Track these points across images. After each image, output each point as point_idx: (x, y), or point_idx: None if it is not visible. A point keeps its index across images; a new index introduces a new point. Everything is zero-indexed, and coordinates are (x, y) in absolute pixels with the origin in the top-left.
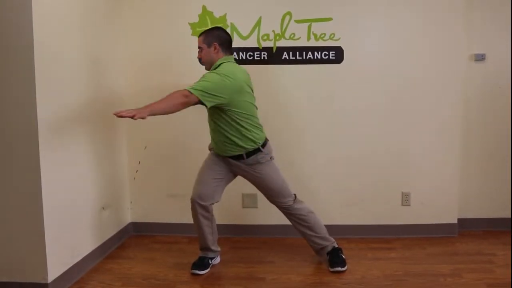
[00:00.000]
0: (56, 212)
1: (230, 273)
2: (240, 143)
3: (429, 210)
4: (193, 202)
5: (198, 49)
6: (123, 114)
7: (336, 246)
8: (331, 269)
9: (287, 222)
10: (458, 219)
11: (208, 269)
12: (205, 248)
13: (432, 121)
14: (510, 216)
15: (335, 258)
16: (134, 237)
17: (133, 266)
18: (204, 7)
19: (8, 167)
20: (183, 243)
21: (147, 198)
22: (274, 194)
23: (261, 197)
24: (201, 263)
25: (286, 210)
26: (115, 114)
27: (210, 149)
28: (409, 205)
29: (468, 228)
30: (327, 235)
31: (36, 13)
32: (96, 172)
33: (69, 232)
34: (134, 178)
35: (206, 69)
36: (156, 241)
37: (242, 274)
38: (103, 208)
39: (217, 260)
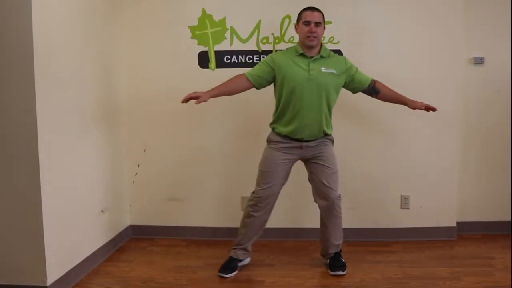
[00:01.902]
0: (55, 214)
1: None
2: (329, 119)
3: (428, 213)
4: (263, 199)
5: (316, 24)
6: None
7: (337, 250)
8: (332, 273)
9: (286, 225)
10: (457, 223)
11: (236, 272)
12: (244, 247)
13: (431, 125)
14: (508, 220)
15: (336, 261)
16: (133, 240)
17: (132, 269)
18: (203, 10)
19: (7, 169)
20: (182, 246)
21: (146, 201)
22: (334, 179)
23: None
24: (230, 266)
25: (332, 204)
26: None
27: (272, 142)
28: (408, 208)
29: (467, 232)
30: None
31: (36, 14)
32: (95, 175)
33: (69, 235)
34: (134, 181)
35: (311, 47)
36: (155, 244)
37: (241, 277)
38: (102, 211)
39: (247, 261)
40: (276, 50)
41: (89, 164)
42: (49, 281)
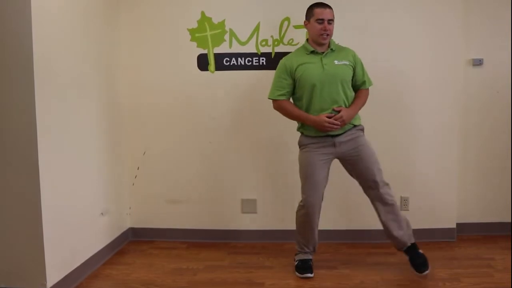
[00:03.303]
0: (55, 217)
1: (229, 279)
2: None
3: (428, 214)
4: (312, 204)
5: (328, 22)
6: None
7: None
8: (419, 274)
9: (286, 227)
10: (457, 224)
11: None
12: (312, 250)
13: (430, 126)
14: (508, 221)
15: (416, 259)
16: (133, 242)
17: (132, 272)
18: (203, 13)
19: (6, 172)
20: (182, 248)
21: (146, 203)
22: (376, 169)
23: (260, 202)
24: (307, 265)
25: (382, 190)
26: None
27: (304, 145)
28: (407, 210)
29: (466, 233)
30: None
31: (35, 19)
32: (95, 178)
33: (68, 238)
34: (133, 184)
35: (322, 44)
36: (155, 247)
37: (240, 279)
38: (102, 213)
39: None
40: (276, 53)
41: (89, 167)
42: (49, 284)
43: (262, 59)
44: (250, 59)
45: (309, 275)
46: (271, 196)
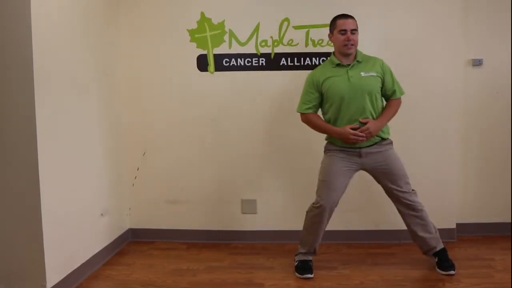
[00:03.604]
0: (54, 218)
1: (229, 279)
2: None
3: (429, 215)
4: (324, 208)
5: (352, 31)
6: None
7: (442, 246)
8: (443, 272)
9: (286, 227)
10: (457, 224)
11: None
12: (313, 251)
13: (430, 126)
14: (508, 221)
15: (444, 261)
16: (133, 243)
17: (132, 273)
18: (202, 14)
19: (6, 173)
20: (181, 249)
21: (146, 204)
22: (403, 183)
23: (260, 203)
24: (307, 266)
25: (411, 204)
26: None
27: (329, 150)
28: None
29: (466, 233)
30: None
31: (35, 18)
32: (95, 178)
33: (68, 239)
34: (133, 185)
35: (347, 55)
36: (155, 248)
37: (241, 279)
38: (101, 214)
39: None
40: (275, 53)
41: (89, 168)
42: (49, 285)
43: (262, 60)
44: (250, 59)
45: (309, 275)
46: (271, 196)
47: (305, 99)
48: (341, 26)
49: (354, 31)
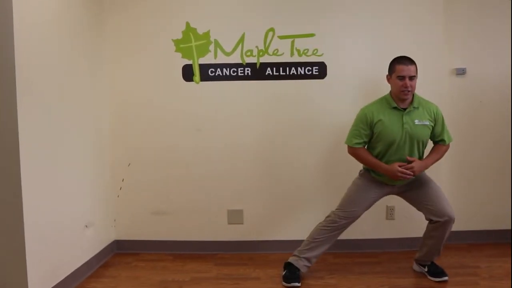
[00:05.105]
0: (37, 230)
1: None
2: None
3: (413, 224)
4: (342, 223)
5: (410, 78)
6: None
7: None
8: (437, 279)
9: (272, 237)
10: None
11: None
12: (308, 262)
13: None
14: (494, 229)
15: (436, 268)
16: (118, 255)
17: (117, 285)
18: (187, 24)
19: None
20: (167, 260)
21: (131, 215)
22: (443, 195)
23: (246, 213)
24: (295, 275)
25: (452, 219)
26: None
27: (365, 175)
28: (393, 219)
29: (452, 242)
30: None
31: (18, 28)
32: (79, 189)
33: (51, 251)
34: (118, 196)
35: (403, 100)
36: (140, 259)
37: None
38: (86, 226)
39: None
40: (261, 63)
41: (73, 179)
42: None
43: (247, 70)
44: (235, 69)
45: (296, 284)
46: (257, 206)
47: (356, 134)
48: (400, 72)
49: (413, 77)
